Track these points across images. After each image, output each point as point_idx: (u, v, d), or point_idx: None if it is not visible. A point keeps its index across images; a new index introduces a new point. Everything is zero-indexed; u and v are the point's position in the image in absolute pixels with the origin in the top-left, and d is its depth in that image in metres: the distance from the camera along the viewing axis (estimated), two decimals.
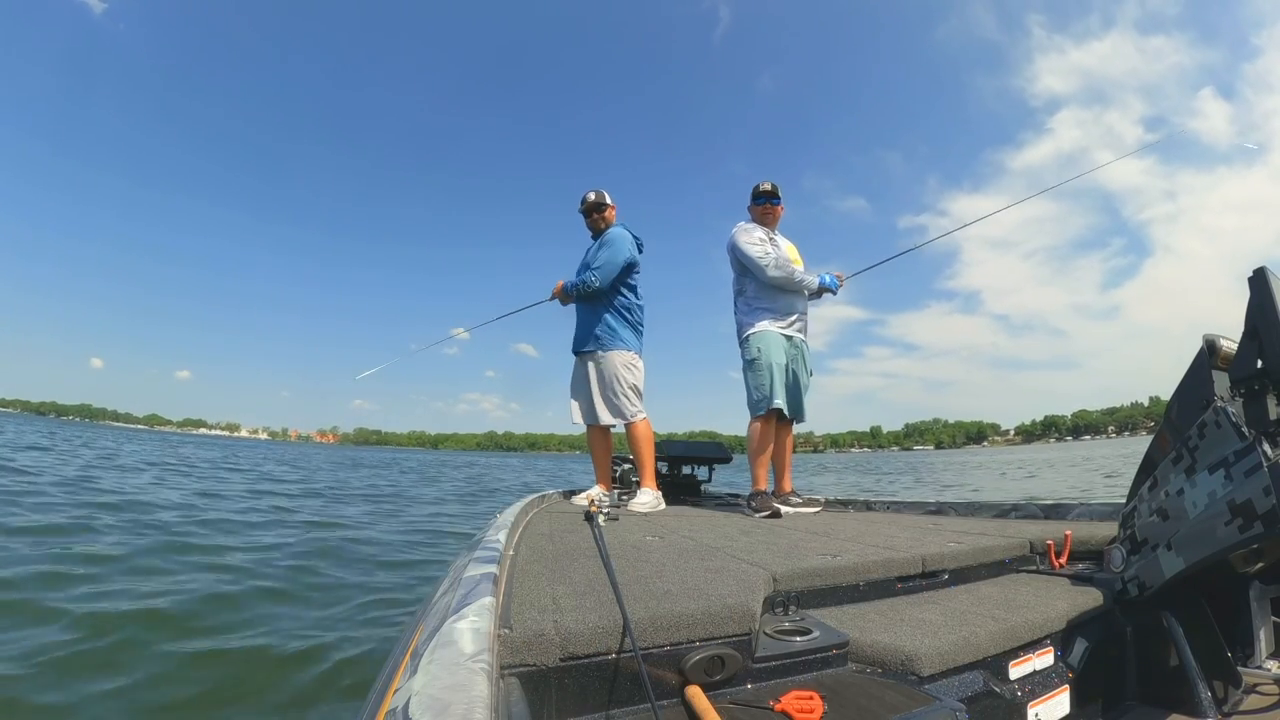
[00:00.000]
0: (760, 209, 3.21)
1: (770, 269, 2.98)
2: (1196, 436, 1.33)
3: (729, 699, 0.94)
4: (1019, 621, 1.21)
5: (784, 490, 3.10)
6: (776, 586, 1.31)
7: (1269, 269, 1.33)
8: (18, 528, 4.60)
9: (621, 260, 3.21)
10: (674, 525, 2.36)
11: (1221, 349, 1.43)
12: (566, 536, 1.88)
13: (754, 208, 3.23)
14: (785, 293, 3.08)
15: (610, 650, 0.91)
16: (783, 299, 3.08)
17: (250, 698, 2.31)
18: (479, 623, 0.77)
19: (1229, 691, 1.35)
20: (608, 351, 3.20)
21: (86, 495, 6.84)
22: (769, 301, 3.07)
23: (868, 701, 0.90)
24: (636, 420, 3.20)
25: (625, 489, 3.57)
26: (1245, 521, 1.20)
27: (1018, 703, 1.11)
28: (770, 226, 3.21)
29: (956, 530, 2.05)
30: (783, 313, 3.06)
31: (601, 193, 3.43)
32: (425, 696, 0.56)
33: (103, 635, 2.64)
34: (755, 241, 3.04)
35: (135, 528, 5.15)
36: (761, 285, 3.06)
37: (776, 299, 3.07)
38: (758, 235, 3.08)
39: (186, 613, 3.04)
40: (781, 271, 2.99)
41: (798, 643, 1.05)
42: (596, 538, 1.54)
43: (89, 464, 11.82)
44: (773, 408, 2.92)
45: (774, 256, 3.01)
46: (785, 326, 3.05)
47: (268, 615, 3.18)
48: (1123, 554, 1.47)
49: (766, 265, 2.98)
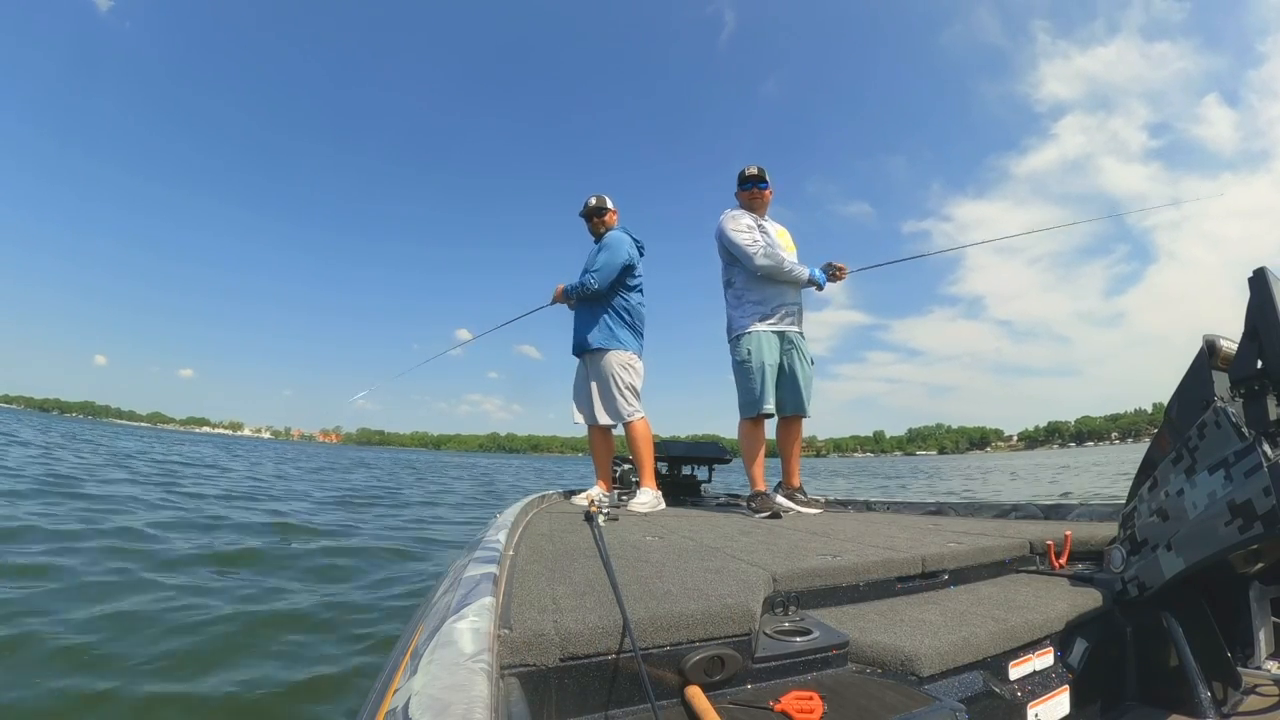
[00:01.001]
0: (748, 194, 3.07)
1: (758, 257, 2.84)
2: (1196, 437, 1.33)
3: (729, 699, 0.94)
4: (1019, 622, 1.21)
5: (792, 485, 3.04)
6: (776, 587, 1.31)
7: (1269, 269, 1.33)
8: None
9: (619, 263, 3.22)
10: (674, 525, 2.36)
11: (1221, 349, 1.43)
12: (566, 536, 1.88)
13: (741, 193, 3.09)
14: (775, 283, 2.93)
15: (610, 650, 0.91)
16: (772, 290, 2.93)
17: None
18: (479, 623, 0.77)
19: (1229, 692, 1.35)
20: (606, 352, 3.21)
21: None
22: (758, 293, 2.93)
23: (868, 702, 0.90)
24: (635, 420, 3.21)
25: (625, 489, 3.58)
26: (1245, 522, 1.20)
27: (1017, 703, 1.11)
28: (759, 212, 3.06)
29: (956, 530, 2.05)
30: (773, 306, 2.92)
31: (603, 197, 3.47)
32: (425, 696, 0.56)
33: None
34: (743, 229, 2.90)
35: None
36: (750, 275, 2.92)
37: (766, 290, 2.93)
38: (745, 222, 2.94)
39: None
40: (771, 260, 2.85)
41: (798, 643, 1.05)
42: (596, 538, 1.54)
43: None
44: (762, 412, 2.86)
45: (763, 245, 2.88)
46: (776, 322, 2.93)
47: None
48: (1123, 554, 1.47)
49: (754, 254, 2.84)
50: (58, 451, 13.92)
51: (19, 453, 12.06)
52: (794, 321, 3.00)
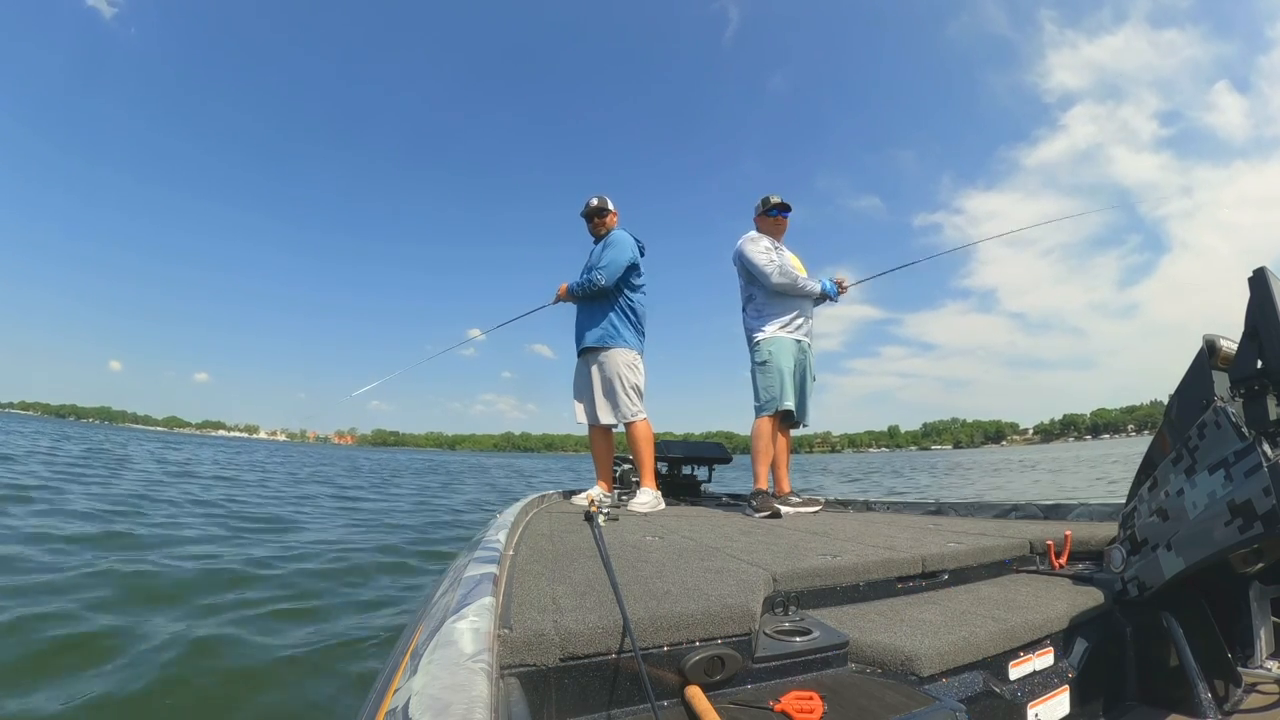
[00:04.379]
0: (772, 220, 3.37)
1: (775, 275, 3.12)
2: (1196, 437, 1.33)
3: (729, 699, 0.94)
4: (1019, 622, 1.21)
5: (783, 491, 3.15)
6: (776, 587, 1.31)
7: (1269, 269, 1.33)
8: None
9: (625, 260, 3.26)
10: (674, 525, 2.36)
11: (1221, 349, 1.43)
12: (566, 536, 1.88)
13: (764, 219, 3.38)
14: (791, 298, 3.21)
15: (610, 650, 0.91)
16: (790, 304, 3.22)
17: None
18: (479, 623, 0.77)
19: (1229, 691, 1.35)
20: (611, 350, 3.23)
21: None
22: (777, 307, 3.21)
23: (868, 702, 0.90)
24: (636, 420, 3.22)
25: (625, 489, 3.58)
26: (1245, 522, 1.19)
27: (1018, 703, 1.11)
28: (777, 238, 3.36)
29: (956, 530, 2.05)
30: (791, 317, 3.19)
31: (604, 198, 3.50)
32: (425, 696, 0.56)
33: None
34: (761, 250, 3.19)
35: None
36: (769, 292, 3.20)
37: (784, 304, 3.21)
38: (764, 244, 3.23)
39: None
40: (786, 278, 3.14)
41: (798, 643, 1.05)
42: (596, 538, 1.54)
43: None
44: (782, 408, 3.04)
45: (779, 264, 3.16)
46: (793, 331, 3.19)
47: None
48: (1123, 554, 1.47)
49: (771, 272, 3.12)
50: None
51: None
52: (807, 333, 3.27)
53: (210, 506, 7.13)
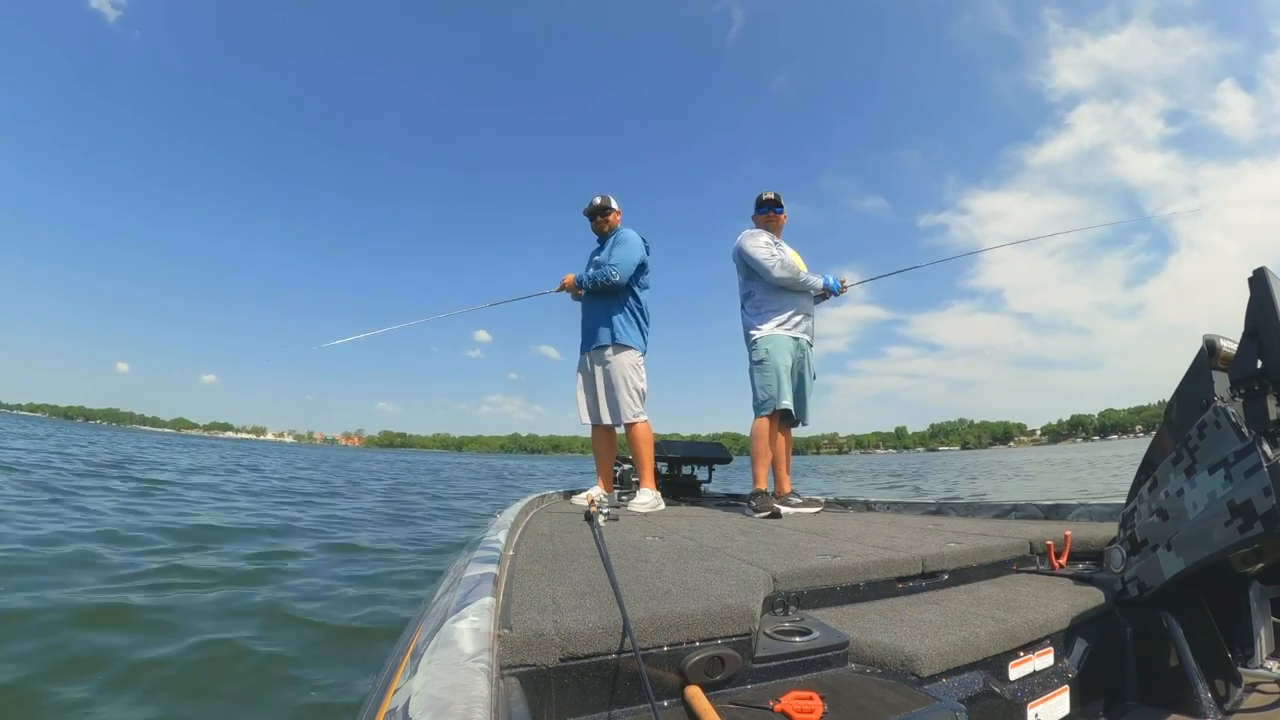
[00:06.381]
0: (764, 217, 3.31)
1: (776, 270, 3.07)
2: (1196, 437, 1.33)
3: (729, 699, 0.94)
4: (1019, 622, 1.21)
5: (783, 491, 3.13)
6: (776, 587, 1.31)
7: (1269, 269, 1.33)
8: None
9: (638, 259, 3.27)
10: (674, 525, 2.36)
11: (1221, 349, 1.43)
12: (566, 536, 1.88)
13: (758, 216, 3.33)
14: (791, 294, 3.16)
15: (610, 650, 0.91)
16: (788, 301, 3.15)
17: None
18: (479, 623, 0.77)
19: (1229, 691, 1.35)
20: (618, 350, 3.22)
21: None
22: (776, 304, 3.15)
23: (868, 702, 0.90)
24: (637, 422, 3.22)
25: (625, 489, 3.58)
26: (1245, 522, 1.19)
27: (1018, 703, 1.11)
28: (774, 234, 3.30)
29: (956, 530, 2.05)
30: (789, 315, 3.14)
31: (607, 197, 3.49)
32: (425, 696, 0.56)
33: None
34: (761, 245, 3.14)
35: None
36: (769, 288, 3.15)
37: (783, 301, 3.15)
38: (763, 239, 3.18)
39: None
40: (787, 272, 3.08)
41: (798, 643, 1.05)
42: (596, 538, 1.54)
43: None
44: (780, 408, 3.00)
45: (779, 258, 3.10)
46: (792, 329, 3.13)
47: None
48: (1123, 554, 1.47)
49: (772, 266, 3.06)
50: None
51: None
52: (807, 330, 3.21)
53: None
